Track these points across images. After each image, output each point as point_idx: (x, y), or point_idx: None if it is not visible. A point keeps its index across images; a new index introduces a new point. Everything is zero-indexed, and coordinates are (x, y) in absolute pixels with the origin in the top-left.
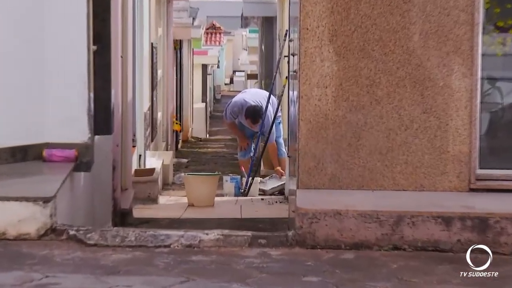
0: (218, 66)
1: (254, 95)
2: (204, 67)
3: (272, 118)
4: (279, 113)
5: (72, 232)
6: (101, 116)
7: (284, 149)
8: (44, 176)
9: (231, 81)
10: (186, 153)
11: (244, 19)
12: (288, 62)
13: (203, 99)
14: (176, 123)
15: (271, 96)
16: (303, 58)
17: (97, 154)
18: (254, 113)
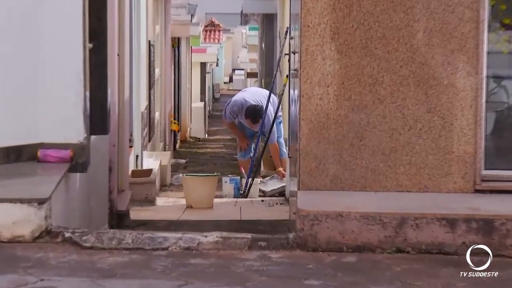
0: (217, 64)
1: (254, 94)
2: (203, 66)
3: (273, 118)
4: (279, 113)
5: (67, 234)
6: (97, 116)
7: (285, 149)
8: (38, 177)
9: (231, 80)
10: (184, 154)
11: (244, 16)
12: (289, 60)
13: (201, 98)
14: (174, 122)
15: (272, 95)
16: (304, 56)
17: (93, 155)
18: (255, 112)
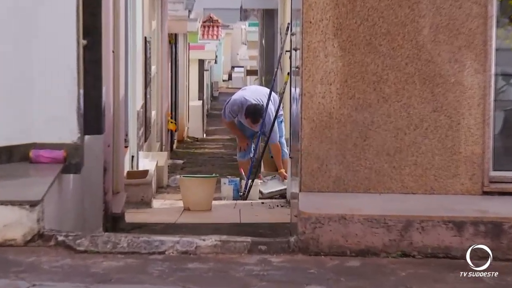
0: (215, 62)
1: (255, 93)
2: (201, 63)
3: (274, 117)
4: (280, 112)
5: (60, 238)
6: (92, 115)
7: (286, 149)
8: (30, 179)
9: (230, 78)
10: (182, 154)
11: (243, 11)
12: (290, 57)
13: (199, 96)
14: (171, 122)
15: (273, 94)
16: (306, 53)
17: (87, 155)
18: (255, 112)
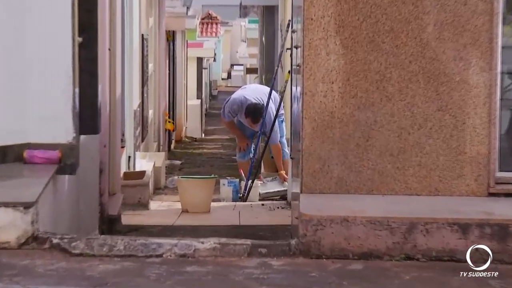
0: (214, 60)
1: (255, 92)
2: (199, 61)
3: (274, 116)
4: (281, 111)
5: (55, 240)
6: (87, 114)
7: (287, 149)
8: (25, 180)
9: (229, 76)
10: (180, 154)
11: (243, 8)
12: (291, 55)
13: (198, 95)
14: (169, 121)
15: (273, 92)
16: (307, 50)
17: (83, 156)
18: (255, 111)
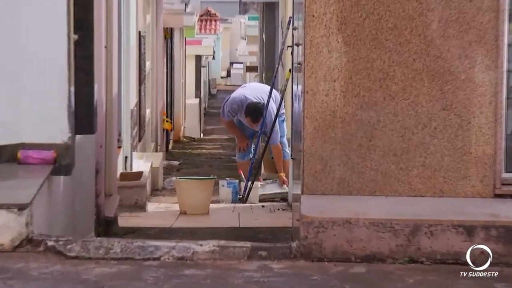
0: (213, 58)
1: (255, 91)
2: (198, 59)
3: (275, 116)
4: (282, 110)
5: (50, 243)
6: (83, 113)
7: (288, 150)
8: (19, 180)
9: (228, 74)
10: (178, 155)
11: (242, 4)
12: (292, 53)
13: (196, 94)
14: (167, 121)
15: (274, 91)
16: (308, 48)
17: (78, 156)
18: (255, 110)
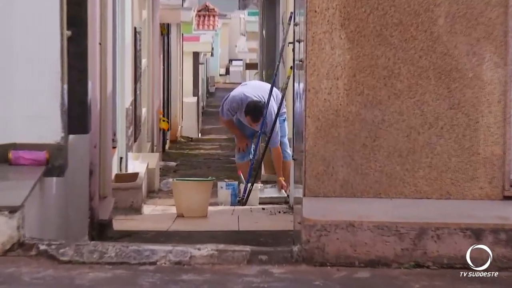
0: (212, 54)
1: (256, 89)
2: (196, 56)
3: (275, 115)
4: (283, 109)
5: (42, 246)
6: (76, 112)
7: (289, 150)
8: (10, 182)
9: (227, 72)
10: (175, 155)
11: None
12: (293, 49)
13: (194, 92)
14: (163, 120)
15: (274, 89)
16: (310, 45)
17: (72, 157)
18: (255, 109)
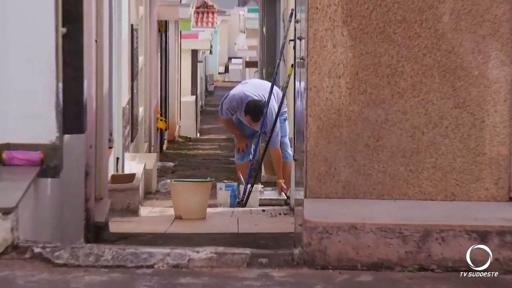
0: (210, 52)
1: (256, 88)
2: (194, 53)
3: (276, 115)
4: (284, 108)
5: (37, 249)
6: (72, 112)
7: (290, 150)
8: (3, 183)
9: (226, 70)
10: (173, 156)
11: None
12: (294, 47)
13: (192, 91)
14: (161, 119)
15: (275, 88)
16: (311, 42)
17: (67, 157)
18: (255, 109)
